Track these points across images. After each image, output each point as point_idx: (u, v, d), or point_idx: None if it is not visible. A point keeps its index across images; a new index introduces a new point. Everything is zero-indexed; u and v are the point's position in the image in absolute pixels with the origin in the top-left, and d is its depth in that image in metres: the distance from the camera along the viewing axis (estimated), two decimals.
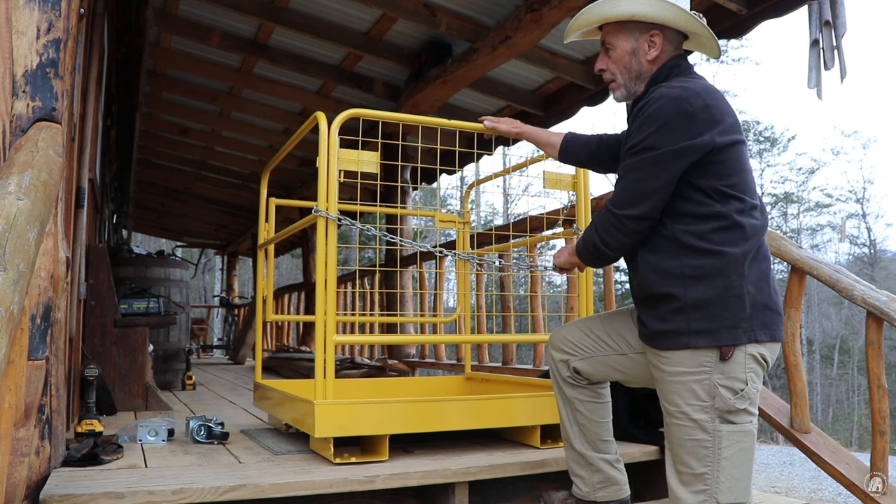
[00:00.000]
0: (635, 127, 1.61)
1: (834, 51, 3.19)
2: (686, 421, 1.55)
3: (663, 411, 1.63)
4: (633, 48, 1.71)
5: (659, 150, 1.54)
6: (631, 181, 1.59)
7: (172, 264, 5.10)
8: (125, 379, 3.54)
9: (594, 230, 1.67)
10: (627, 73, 1.74)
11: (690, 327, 1.53)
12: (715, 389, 1.52)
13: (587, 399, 1.91)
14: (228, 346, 9.74)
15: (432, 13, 4.44)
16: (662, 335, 1.58)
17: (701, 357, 1.54)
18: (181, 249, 13.07)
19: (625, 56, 1.72)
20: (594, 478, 1.92)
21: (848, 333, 24.66)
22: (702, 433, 1.53)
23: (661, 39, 1.70)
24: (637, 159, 1.58)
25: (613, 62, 1.75)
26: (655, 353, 1.62)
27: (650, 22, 1.68)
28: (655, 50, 1.70)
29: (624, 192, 1.60)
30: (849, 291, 2.50)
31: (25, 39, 1.74)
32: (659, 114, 1.55)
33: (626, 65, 1.73)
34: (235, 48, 5.30)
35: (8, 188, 1.29)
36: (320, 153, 2.14)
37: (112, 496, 1.65)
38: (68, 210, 2.40)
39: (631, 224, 1.59)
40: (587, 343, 1.87)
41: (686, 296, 1.53)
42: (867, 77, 47.59)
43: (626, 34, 1.72)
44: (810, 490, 5.64)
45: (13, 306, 1.03)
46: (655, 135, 1.55)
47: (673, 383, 1.57)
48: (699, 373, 1.54)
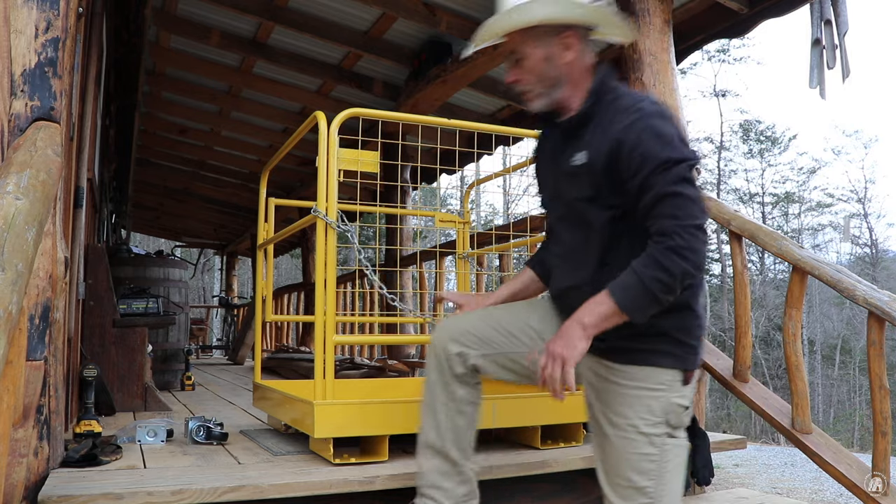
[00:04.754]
0: (630, 148, 1.46)
1: (836, 50, 3.18)
2: (634, 434, 1.51)
3: (601, 422, 1.57)
4: (546, 54, 1.59)
5: (685, 160, 1.44)
6: (682, 193, 1.42)
7: (171, 264, 5.09)
8: (124, 379, 3.53)
9: (677, 257, 1.38)
10: (544, 82, 1.61)
11: (658, 348, 1.52)
12: (670, 406, 1.52)
13: (475, 400, 1.74)
14: (228, 346, 9.73)
15: (432, 12, 4.43)
16: (625, 351, 1.53)
17: (664, 376, 1.52)
18: (180, 249, 13.06)
19: (538, 64, 1.60)
20: (460, 490, 1.72)
21: (849, 334, 24.66)
22: (650, 447, 1.50)
23: (575, 40, 1.59)
24: (674, 172, 1.43)
25: (527, 72, 1.62)
26: (610, 365, 1.56)
27: (561, 24, 1.58)
28: (571, 52, 1.59)
29: (692, 200, 1.41)
30: (850, 291, 2.49)
31: (24, 38, 1.74)
32: (654, 127, 1.47)
33: (540, 73, 1.60)
34: (235, 47, 5.29)
35: (6, 188, 1.29)
36: (320, 153, 2.13)
37: (111, 497, 1.65)
38: (67, 210, 2.40)
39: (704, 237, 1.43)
40: (494, 338, 1.69)
41: (660, 322, 1.50)
42: (868, 76, 47.67)
43: (535, 41, 1.59)
44: (811, 491, 5.64)
45: (11, 307, 1.03)
46: (669, 147, 1.45)
47: (627, 396, 1.53)
48: (658, 390, 1.52)
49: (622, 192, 1.50)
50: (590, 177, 1.54)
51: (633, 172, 1.46)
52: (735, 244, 2.96)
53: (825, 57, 3.20)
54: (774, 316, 22.42)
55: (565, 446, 2.35)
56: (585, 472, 2.29)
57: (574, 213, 1.61)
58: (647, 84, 3.24)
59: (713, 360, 2.99)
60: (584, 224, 1.58)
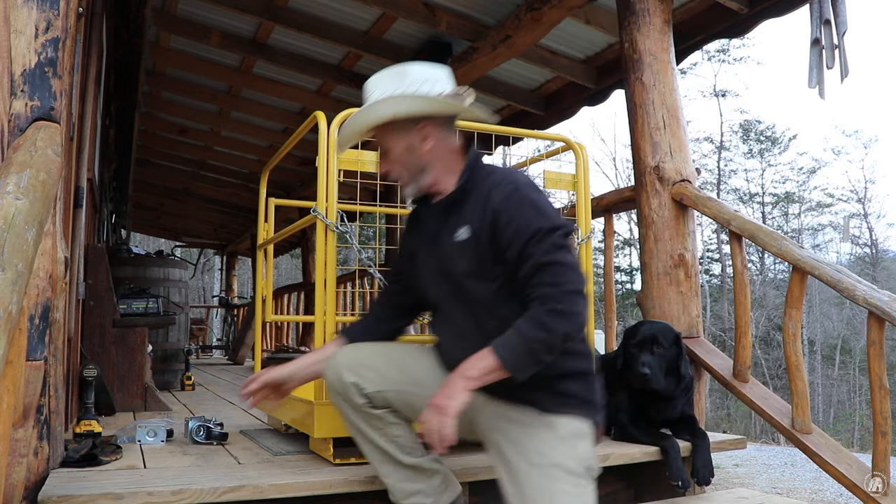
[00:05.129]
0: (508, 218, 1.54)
1: (835, 50, 3.18)
2: (559, 472, 1.54)
3: (519, 466, 1.57)
4: (407, 145, 1.69)
5: (559, 228, 1.53)
6: (561, 262, 1.50)
7: (171, 264, 5.09)
8: (124, 379, 3.53)
9: (559, 318, 1.46)
10: (411, 170, 1.71)
11: (575, 402, 1.62)
12: (588, 454, 1.60)
13: (395, 417, 1.73)
14: (228, 346, 9.73)
15: (432, 12, 4.43)
16: (546, 403, 1.60)
17: (583, 426, 1.61)
18: (180, 249, 13.06)
19: (402, 155, 1.70)
20: (434, 482, 1.75)
21: (849, 334, 24.64)
22: (572, 486, 1.54)
23: (431, 128, 1.68)
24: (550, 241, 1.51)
25: (394, 162, 1.72)
26: (532, 413, 1.61)
27: (413, 117, 1.67)
28: (431, 140, 1.69)
29: (570, 267, 1.50)
30: (850, 292, 2.49)
31: (24, 38, 1.74)
32: (528, 198, 1.57)
33: (405, 162, 1.70)
34: (235, 47, 5.29)
35: (6, 188, 1.29)
36: (320, 153, 2.13)
37: (111, 497, 1.65)
38: (67, 210, 2.40)
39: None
40: (392, 374, 1.72)
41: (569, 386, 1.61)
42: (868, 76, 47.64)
43: (394, 134, 1.70)
44: (812, 491, 5.64)
45: (11, 307, 1.03)
46: (544, 217, 1.54)
47: (549, 440, 1.57)
48: (579, 438, 1.59)
49: (503, 262, 1.57)
50: (474, 250, 1.60)
51: (511, 242, 1.54)
52: (735, 244, 2.96)
53: (824, 57, 3.20)
54: (774, 316, 22.42)
55: None
56: None
57: (463, 290, 1.65)
58: (647, 84, 3.25)
59: (713, 360, 2.99)
60: (471, 299, 1.63)
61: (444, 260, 1.68)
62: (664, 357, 2.46)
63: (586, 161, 2.56)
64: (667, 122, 3.22)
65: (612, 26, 4.12)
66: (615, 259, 6.33)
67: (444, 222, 1.69)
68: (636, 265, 24.34)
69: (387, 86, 1.68)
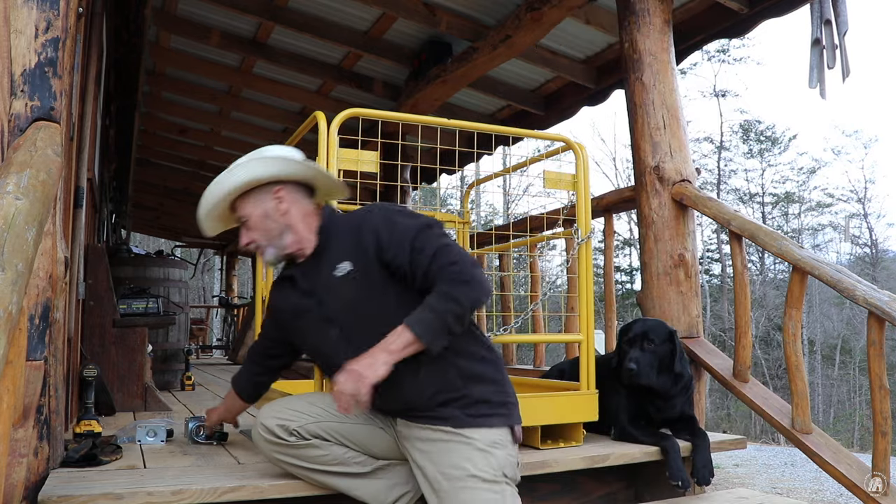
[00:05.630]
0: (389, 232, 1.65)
1: (835, 50, 3.18)
2: (475, 483, 1.60)
3: (439, 482, 1.63)
4: (264, 211, 1.75)
5: (434, 222, 1.69)
6: (450, 245, 1.64)
7: (171, 264, 5.09)
8: (124, 379, 3.53)
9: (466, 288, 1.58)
10: (269, 236, 1.76)
11: (487, 412, 1.68)
12: (506, 461, 1.66)
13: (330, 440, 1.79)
14: (228, 346, 9.73)
15: (432, 12, 4.43)
16: (459, 418, 1.66)
17: (496, 435, 1.67)
18: (180, 249, 13.06)
19: (261, 221, 1.76)
20: (403, 469, 1.82)
21: (849, 334, 24.63)
22: (492, 493, 1.61)
23: (285, 192, 1.76)
24: (433, 232, 1.66)
25: (253, 230, 1.77)
26: (446, 430, 1.66)
27: (268, 182, 1.75)
28: (286, 203, 1.75)
29: (459, 253, 1.63)
30: (850, 292, 2.49)
31: (24, 38, 1.74)
32: (398, 211, 1.71)
33: (265, 229, 1.76)
34: (235, 47, 5.29)
35: (6, 188, 1.29)
36: (319, 153, 2.13)
37: (111, 497, 1.65)
38: (67, 210, 2.40)
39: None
40: (312, 410, 1.79)
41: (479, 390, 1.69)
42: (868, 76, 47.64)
43: (252, 201, 1.76)
44: (811, 491, 5.64)
45: (11, 307, 1.03)
46: (417, 217, 1.70)
47: (464, 453, 1.63)
48: (494, 447, 1.65)
49: (393, 273, 1.66)
50: (363, 276, 1.68)
51: (399, 249, 1.64)
52: (735, 244, 2.96)
53: (825, 57, 3.20)
54: (774, 316, 22.41)
55: (565, 446, 2.35)
56: (585, 472, 2.30)
57: (359, 320, 1.70)
58: (647, 84, 3.25)
59: (713, 360, 2.99)
60: (372, 322, 1.66)
61: (330, 301, 1.74)
62: (655, 354, 2.45)
63: (586, 161, 2.56)
64: (667, 122, 3.22)
65: (612, 26, 4.13)
66: (615, 259, 6.34)
67: (318, 272, 1.76)
68: (636, 265, 24.34)
69: (242, 163, 1.77)
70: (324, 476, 1.78)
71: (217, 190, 1.76)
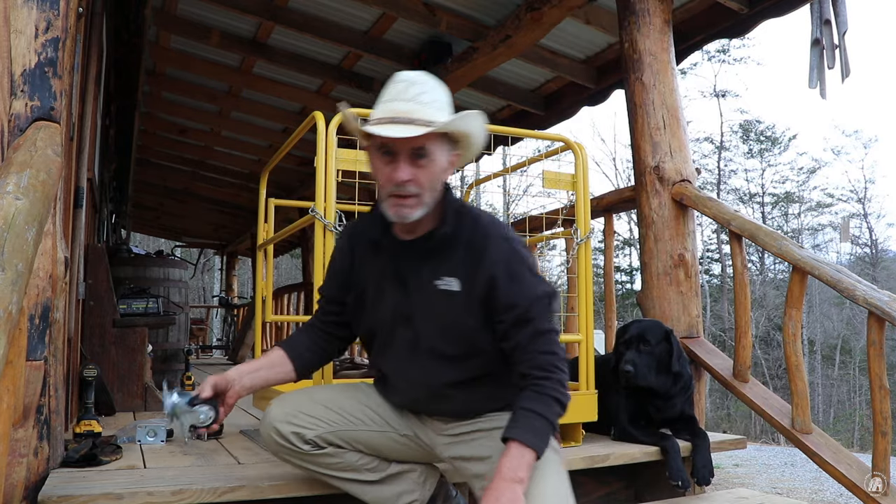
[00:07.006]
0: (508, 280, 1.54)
1: (835, 49, 3.18)
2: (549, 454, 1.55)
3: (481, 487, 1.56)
4: (446, 164, 1.55)
5: (554, 293, 1.58)
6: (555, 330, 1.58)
7: (171, 264, 5.09)
8: (124, 379, 3.53)
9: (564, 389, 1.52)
10: (432, 192, 1.54)
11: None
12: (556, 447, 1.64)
13: (345, 447, 1.72)
14: (228, 346, 9.73)
15: (432, 12, 4.43)
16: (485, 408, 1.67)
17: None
18: (180, 249, 13.06)
19: (437, 171, 1.53)
20: (413, 476, 1.78)
21: (849, 334, 24.63)
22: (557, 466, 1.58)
23: (455, 160, 1.60)
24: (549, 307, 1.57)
25: (425, 174, 1.51)
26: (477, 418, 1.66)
27: (464, 142, 1.57)
28: (450, 171, 1.59)
29: (558, 343, 1.56)
30: (850, 292, 2.49)
31: (24, 38, 1.74)
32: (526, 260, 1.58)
33: (433, 181, 1.53)
34: (235, 47, 5.29)
35: (6, 188, 1.29)
36: (318, 153, 2.13)
37: (111, 497, 1.65)
38: (67, 210, 2.40)
39: None
40: (328, 416, 1.69)
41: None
42: (868, 76, 47.63)
43: (444, 148, 1.54)
44: (811, 491, 5.64)
45: (11, 307, 1.03)
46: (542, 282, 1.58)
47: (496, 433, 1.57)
48: None
49: (489, 318, 1.56)
50: (464, 304, 1.56)
51: (511, 305, 1.53)
52: (735, 244, 2.96)
53: (825, 57, 3.20)
54: (774, 316, 22.41)
55: (565, 446, 2.35)
56: (586, 472, 2.29)
57: (448, 335, 1.60)
58: (647, 84, 3.25)
59: (713, 360, 2.99)
60: (459, 341, 1.60)
61: (420, 304, 1.61)
62: (652, 354, 2.46)
63: (585, 161, 2.56)
64: (667, 122, 3.22)
65: (612, 26, 4.12)
66: (615, 259, 6.33)
67: (421, 264, 1.60)
68: (636, 265, 24.35)
69: (441, 96, 1.56)
70: (334, 480, 1.74)
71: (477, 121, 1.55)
